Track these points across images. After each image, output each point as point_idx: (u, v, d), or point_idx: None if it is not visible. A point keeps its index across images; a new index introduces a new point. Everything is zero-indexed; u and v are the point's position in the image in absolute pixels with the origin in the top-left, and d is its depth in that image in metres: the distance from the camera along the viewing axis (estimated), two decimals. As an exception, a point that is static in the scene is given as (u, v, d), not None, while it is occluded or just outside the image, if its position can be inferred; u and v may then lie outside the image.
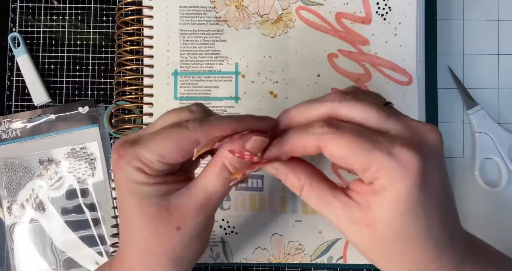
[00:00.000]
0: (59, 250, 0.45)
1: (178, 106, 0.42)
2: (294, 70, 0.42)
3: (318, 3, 0.42)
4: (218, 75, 0.42)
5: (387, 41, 0.42)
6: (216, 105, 0.42)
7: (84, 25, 0.47)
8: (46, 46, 0.47)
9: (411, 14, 0.41)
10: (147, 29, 0.43)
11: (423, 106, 0.42)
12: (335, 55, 0.42)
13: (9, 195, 0.45)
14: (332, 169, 0.41)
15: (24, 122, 0.46)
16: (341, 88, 0.28)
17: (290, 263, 0.41)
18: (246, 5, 0.42)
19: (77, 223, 0.45)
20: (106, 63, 0.46)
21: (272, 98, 0.42)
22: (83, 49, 0.47)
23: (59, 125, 0.45)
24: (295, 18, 0.42)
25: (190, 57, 0.43)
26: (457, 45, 0.46)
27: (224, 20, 0.42)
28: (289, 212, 0.41)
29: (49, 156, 0.45)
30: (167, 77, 0.42)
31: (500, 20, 0.46)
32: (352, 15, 0.42)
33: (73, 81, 0.46)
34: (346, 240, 0.41)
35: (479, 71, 0.45)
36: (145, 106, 0.43)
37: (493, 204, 0.44)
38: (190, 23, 0.43)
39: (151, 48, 0.43)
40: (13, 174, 0.45)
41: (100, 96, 0.46)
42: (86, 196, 0.45)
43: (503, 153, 0.44)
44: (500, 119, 0.45)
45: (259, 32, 0.42)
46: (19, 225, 0.45)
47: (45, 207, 0.45)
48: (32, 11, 0.47)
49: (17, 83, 0.46)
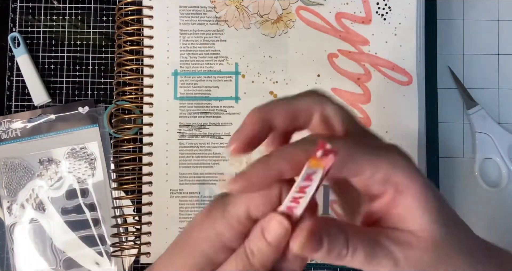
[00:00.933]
0: (59, 250, 0.45)
1: (178, 107, 0.42)
2: (294, 70, 0.42)
3: (318, 3, 0.42)
4: (218, 75, 0.42)
5: (387, 41, 0.42)
6: (216, 105, 0.42)
7: (84, 25, 0.47)
8: (46, 46, 0.47)
9: (411, 14, 0.41)
10: (147, 29, 0.43)
11: (423, 106, 0.42)
12: (335, 55, 0.42)
13: (9, 195, 0.45)
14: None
15: (24, 122, 0.46)
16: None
17: (290, 263, 0.41)
18: (246, 5, 0.42)
19: (77, 223, 0.45)
20: (106, 63, 0.46)
21: (272, 98, 0.42)
22: (83, 49, 0.46)
23: (59, 125, 0.45)
24: (295, 18, 0.42)
25: (190, 57, 0.43)
26: (457, 45, 0.46)
27: (224, 20, 0.42)
28: (289, 212, 0.41)
29: (49, 156, 0.45)
30: (167, 77, 0.42)
31: (500, 20, 0.46)
32: (352, 15, 0.42)
33: (73, 81, 0.46)
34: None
35: (479, 71, 0.45)
36: (145, 106, 0.43)
37: (493, 204, 0.44)
38: (190, 23, 0.43)
39: (151, 48, 0.43)
40: (13, 174, 0.45)
41: (100, 96, 0.46)
42: (86, 196, 0.45)
43: (503, 153, 0.44)
44: (500, 119, 0.45)
45: (259, 32, 0.42)
46: (19, 225, 0.45)
47: (45, 207, 0.45)
48: (32, 11, 0.47)
49: (17, 83, 0.46)
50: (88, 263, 0.44)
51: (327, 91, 0.24)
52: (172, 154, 0.42)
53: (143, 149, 0.42)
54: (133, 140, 0.44)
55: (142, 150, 0.43)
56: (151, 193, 0.42)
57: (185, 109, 0.42)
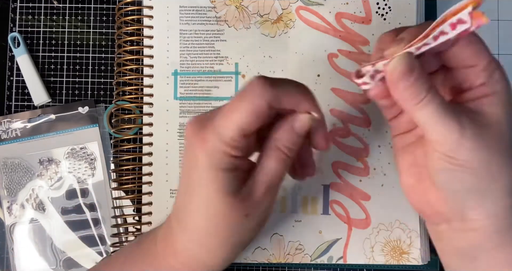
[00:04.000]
0: (59, 250, 0.45)
1: (178, 107, 0.42)
2: (294, 70, 0.42)
3: (318, 3, 0.42)
4: (218, 75, 0.42)
5: (387, 41, 0.42)
6: (216, 105, 0.42)
7: (84, 25, 0.47)
8: (46, 46, 0.47)
9: (411, 14, 0.41)
10: (147, 29, 0.43)
11: (423, 106, 0.42)
12: (335, 55, 0.42)
13: (9, 195, 0.45)
14: (332, 169, 0.41)
15: (24, 122, 0.46)
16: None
17: (290, 263, 0.41)
18: (246, 5, 0.42)
19: (77, 223, 0.45)
20: (106, 63, 0.46)
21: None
22: (83, 49, 0.47)
23: (59, 125, 0.45)
24: (295, 18, 0.42)
25: (190, 57, 0.43)
26: (457, 45, 0.46)
27: (224, 20, 0.42)
28: (289, 212, 0.41)
29: (49, 156, 0.45)
30: (167, 77, 0.42)
31: (500, 20, 0.46)
32: (352, 15, 0.42)
33: (73, 81, 0.46)
34: (346, 240, 0.41)
35: (479, 71, 0.45)
36: (145, 106, 0.43)
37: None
38: (190, 23, 0.43)
39: (151, 48, 0.43)
40: (13, 174, 0.45)
41: (100, 96, 0.46)
42: (86, 196, 0.45)
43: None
44: (500, 119, 0.45)
45: (259, 32, 0.42)
46: (19, 225, 0.45)
47: (45, 207, 0.45)
48: (32, 11, 0.47)
49: (17, 83, 0.46)
50: (88, 263, 0.45)
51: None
52: (172, 154, 0.42)
53: (143, 149, 0.42)
54: (133, 140, 0.44)
55: (142, 150, 0.43)
56: (151, 193, 0.42)
57: (185, 109, 0.42)
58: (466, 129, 0.25)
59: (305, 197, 0.41)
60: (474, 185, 0.26)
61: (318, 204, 0.41)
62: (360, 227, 0.41)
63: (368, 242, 0.41)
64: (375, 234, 0.41)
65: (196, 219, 0.29)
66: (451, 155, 0.25)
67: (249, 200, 0.28)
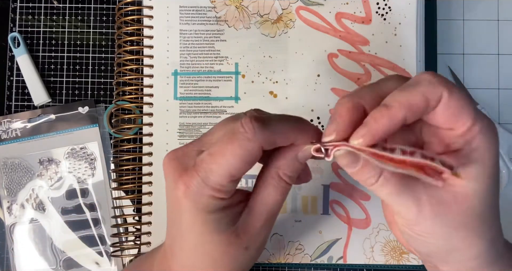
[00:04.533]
0: (59, 250, 0.45)
1: (178, 107, 0.42)
2: (294, 70, 0.42)
3: (318, 3, 0.42)
4: (218, 75, 0.42)
5: (387, 41, 0.42)
6: (216, 105, 0.42)
7: (84, 25, 0.47)
8: (46, 46, 0.47)
9: (411, 14, 0.41)
10: (147, 29, 0.43)
11: (423, 106, 0.42)
12: (335, 55, 0.42)
13: (9, 195, 0.45)
14: (332, 169, 0.41)
15: (24, 122, 0.46)
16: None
17: (290, 263, 0.41)
18: (246, 5, 0.42)
19: (77, 223, 0.45)
20: (106, 63, 0.46)
21: (272, 98, 0.42)
22: (83, 49, 0.47)
23: (59, 125, 0.45)
24: (295, 18, 0.42)
25: (190, 57, 0.43)
26: (457, 45, 0.46)
27: (224, 20, 0.42)
28: (289, 212, 0.41)
29: (49, 156, 0.45)
30: (167, 77, 0.42)
31: (500, 20, 0.46)
32: (352, 15, 0.42)
33: (73, 81, 0.46)
34: (346, 240, 0.41)
35: (479, 71, 0.45)
36: (145, 106, 0.43)
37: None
38: (190, 23, 0.43)
39: (151, 48, 0.43)
40: (13, 174, 0.45)
41: (100, 96, 0.46)
42: (86, 196, 0.45)
43: (503, 153, 0.44)
44: (500, 119, 0.45)
45: (259, 32, 0.42)
46: (19, 225, 0.45)
47: (45, 207, 0.45)
48: (32, 11, 0.47)
49: (17, 83, 0.46)
50: (88, 263, 0.45)
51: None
52: (172, 154, 0.42)
53: (143, 149, 0.42)
54: (133, 140, 0.44)
55: (142, 150, 0.43)
56: (151, 193, 0.42)
57: (185, 109, 0.42)
58: (424, 206, 0.24)
59: (305, 197, 0.41)
60: (438, 250, 0.26)
61: (318, 204, 0.41)
62: (360, 227, 0.41)
63: (368, 242, 0.41)
64: (375, 234, 0.41)
65: (193, 259, 0.28)
66: (411, 227, 0.25)
67: (247, 233, 0.27)
